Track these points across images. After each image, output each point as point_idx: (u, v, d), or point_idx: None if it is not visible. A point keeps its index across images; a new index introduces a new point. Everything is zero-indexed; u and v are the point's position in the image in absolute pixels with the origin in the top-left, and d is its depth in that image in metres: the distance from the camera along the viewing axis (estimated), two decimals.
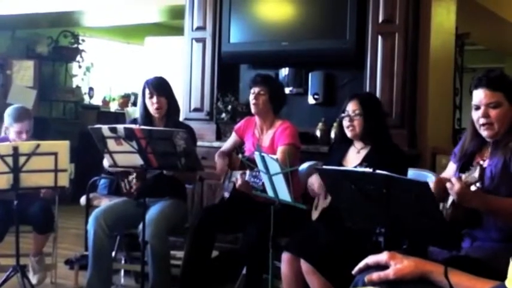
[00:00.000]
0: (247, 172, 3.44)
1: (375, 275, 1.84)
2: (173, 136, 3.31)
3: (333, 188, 2.61)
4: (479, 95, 2.54)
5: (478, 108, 2.56)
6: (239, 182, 3.61)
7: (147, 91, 3.91)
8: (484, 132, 2.55)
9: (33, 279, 4.09)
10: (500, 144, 2.55)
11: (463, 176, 2.39)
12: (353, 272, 1.94)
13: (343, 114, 3.34)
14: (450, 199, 2.47)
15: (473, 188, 2.36)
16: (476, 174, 2.33)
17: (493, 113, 2.52)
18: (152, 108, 3.89)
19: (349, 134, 3.33)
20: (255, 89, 3.90)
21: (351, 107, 3.31)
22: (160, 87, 3.91)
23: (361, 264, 1.92)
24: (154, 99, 3.88)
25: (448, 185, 2.40)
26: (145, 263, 3.64)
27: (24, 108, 4.22)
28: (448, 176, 2.78)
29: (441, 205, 2.49)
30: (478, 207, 2.41)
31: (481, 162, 2.47)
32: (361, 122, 3.28)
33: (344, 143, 3.43)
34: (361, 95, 3.53)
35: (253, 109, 3.93)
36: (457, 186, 2.35)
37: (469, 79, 2.84)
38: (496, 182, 2.50)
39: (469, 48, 7.71)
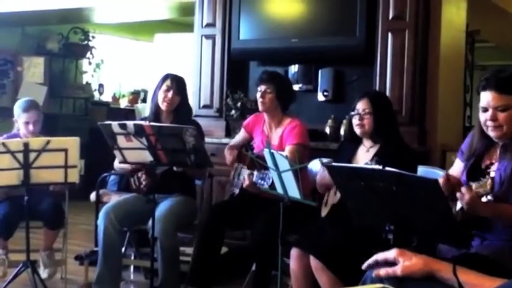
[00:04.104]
0: (255, 173, 3.44)
1: (383, 271, 1.84)
2: (183, 133, 3.32)
3: (343, 186, 2.61)
4: (487, 97, 2.48)
5: (485, 110, 2.50)
6: (246, 182, 3.61)
7: (167, 82, 3.92)
8: (492, 133, 2.51)
9: (44, 274, 4.11)
10: (509, 147, 2.51)
11: (474, 186, 2.35)
12: (362, 267, 1.94)
13: (353, 113, 3.34)
14: (459, 204, 2.45)
15: (484, 199, 2.34)
16: (487, 187, 2.30)
17: (501, 116, 2.46)
18: (163, 101, 3.90)
19: (358, 131, 3.33)
20: (262, 87, 3.89)
21: (361, 106, 3.31)
22: (180, 85, 3.94)
23: (370, 261, 1.92)
24: (170, 94, 3.90)
25: (458, 194, 2.37)
26: (154, 259, 3.65)
27: (32, 100, 4.24)
28: (455, 174, 2.77)
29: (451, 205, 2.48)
30: (488, 216, 2.40)
31: (492, 173, 2.44)
32: (371, 120, 3.28)
33: (353, 142, 3.43)
34: (371, 93, 3.52)
35: (260, 107, 3.92)
36: (467, 196, 2.33)
37: (479, 76, 2.80)
38: (505, 187, 2.47)
39: (480, 45, 7.67)
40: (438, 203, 2.18)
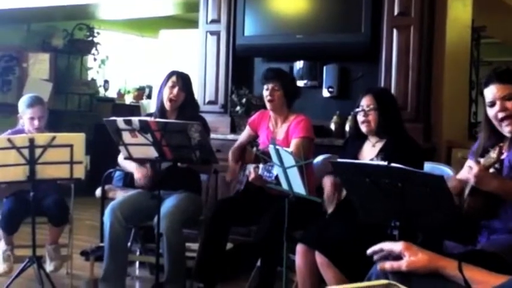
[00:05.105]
0: (260, 166, 3.44)
1: (388, 264, 1.84)
2: (188, 129, 3.33)
3: (348, 182, 2.61)
4: (491, 91, 2.54)
5: (493, 104, 2.54)
6: (252, 175, 3.62)
7: (172, 79, 3.93)
8: (507, 128, 2.53)
9: (50, 267, 4.11)
10: None
11: (482, 160, 2.41)
12: (367, 252, 1.94)
13: (357, 109, 3.34)
14: (467, 188, 2.47)
15: (491, 170, 2.38)
16: (494, 154, 2.34)
17: (510, 104, 2.51)
18: (168, 98, 3.91)
19: (364, 129, 3.32)
20: (269, 85, 3.89)
21: (365, 102, 3.31)
22: (185, 82, 3.96)
23: (376, 247, 1.92)
24: (176, 90, 3.91)
25: (466, 168, 2.41)
26: (160, 255, 3.66)
27: (37, 95, 4.25)
28: (463, 176, 2.78)
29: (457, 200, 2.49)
30: (496, 190, 2.41)
31: (501, 144, 2.47)
32: (375, 116, 3.28)
33: (359, 138, 3.43)
34: (375, 89, 3.53)
35: (268, 106, 3.92)
36: (475, 169, 2.37)
37: (485, 72, 2.83)
38: None
39: (485, 41, 7.66)
40: (444, 200, 2.18)
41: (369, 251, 1.94)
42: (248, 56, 5.32)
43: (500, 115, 2.53)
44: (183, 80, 3.94)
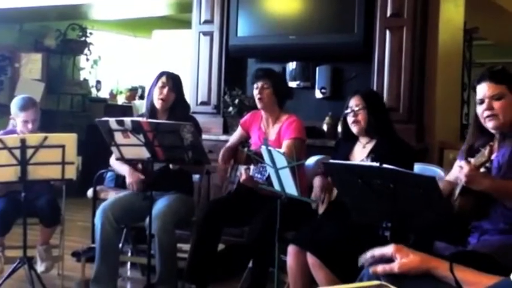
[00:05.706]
0: (252, 167, 3.44)
1: (380, 268, 1.84)
2: (180, 129, 3.32)
3: (340, 183, 2.61)
4: (482, 89, 2.58)
5: (482, 102, 2.59)
6: (243, 177, 3.62)
7: (162, 79, 3.92)
8: (489, 124, 2.57)
9: (41, 267, 4.10)
10: (507, 135, 2.57)
11: (472, 160, 2.42)
12: (359, 262, 1.94)
13: (346, 111, 3.35)
14: (458, 188, 2.48)
15: (482, 169, 2.40)
16: (486, 153, 2.35)
17: (497, 104, 2.55)
18: (158, 98, 3.90)
19: (354, 129, 3.33)
20: (258, 84, 3.89)
21: (354, 102, 3.33)
22: (175, 83, 3.94)
23: (367, 255, 1.92)
24: (165, 90, 3.89)
25: (457, 169, 2.42)
26: (151, 255, 3.65)
27: (30, 97, 4.20)
28: (454, 176, 2.79)
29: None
30: (487, 190, 2.43)
31: (491, 143, 2.48)
32: (365, 115, 3.30)
33: (349, 140, 3.44)
34: (362, 90, 3.54)
35: (258, 104, 3.92)
36: (466, 168, 2.38)
37: (477, 74, 2.85)
38: (503, 171, 2.52)
39: (478, 43, 7.68)
40: (435, 201, 2.18)
41: (361, 261, 1.93)
42: (241, 56, 5.32)
43: (486, 113, 2.57)
44: (173, 81, 3.93)
